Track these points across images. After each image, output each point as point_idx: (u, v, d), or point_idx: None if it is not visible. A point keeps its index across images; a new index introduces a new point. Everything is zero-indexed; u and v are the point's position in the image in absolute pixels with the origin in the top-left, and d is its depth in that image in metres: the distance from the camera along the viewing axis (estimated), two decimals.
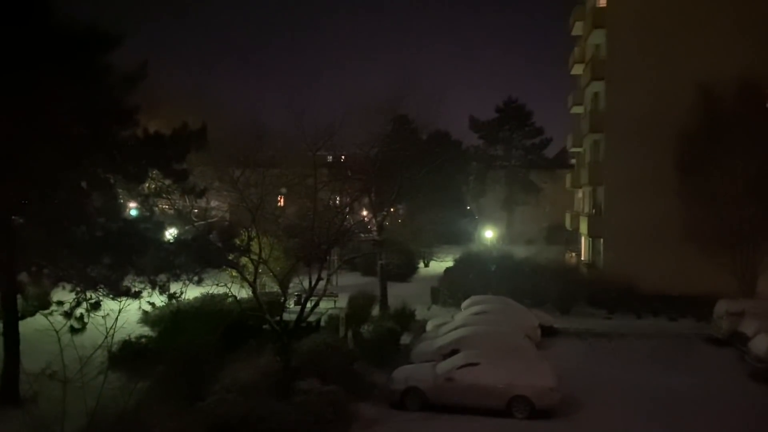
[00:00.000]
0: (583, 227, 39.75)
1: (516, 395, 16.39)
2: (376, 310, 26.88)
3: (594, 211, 38.31)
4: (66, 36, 15.08)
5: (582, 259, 41.85)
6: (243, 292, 19.10)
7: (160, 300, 16.98)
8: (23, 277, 15.98)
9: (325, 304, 22.28)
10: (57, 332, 12.57)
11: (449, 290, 32.21)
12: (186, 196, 17.58)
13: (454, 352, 18.68)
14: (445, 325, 23.14)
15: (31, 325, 15.52)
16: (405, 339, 23.41)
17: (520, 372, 16.96)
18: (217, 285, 18.30)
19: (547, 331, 25.24)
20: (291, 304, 21.97)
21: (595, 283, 32.56)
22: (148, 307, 17.60)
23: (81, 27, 15.21)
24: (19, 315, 16.44)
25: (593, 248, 38.09)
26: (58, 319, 14.19)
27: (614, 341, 25.43)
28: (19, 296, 16.29)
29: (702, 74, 31.62)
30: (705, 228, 30.33)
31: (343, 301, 26.72)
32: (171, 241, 17.91)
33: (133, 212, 18.90)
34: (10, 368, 15.94)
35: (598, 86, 36.83)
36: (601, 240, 35.71)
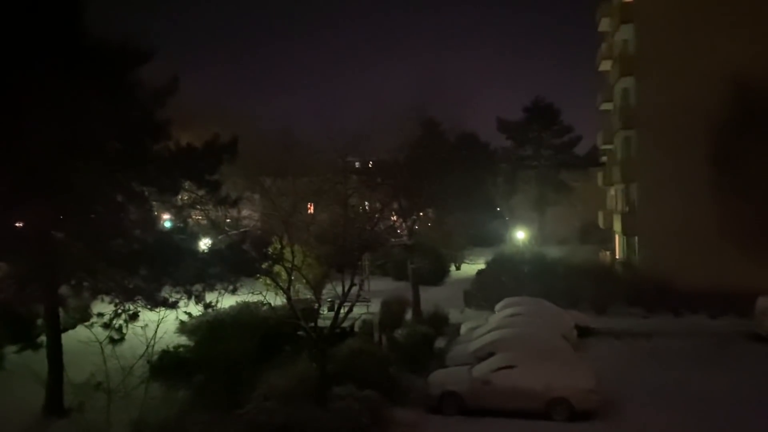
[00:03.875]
0: (617, 225, 39.16)
1: (555, 397, 16.20)
2: (409, 315, 26.83)
3: (628, 208, 37.71)
4: (99, 53, 15.45)
5: (617, 257, 41.21)
6: (278, 300, 19.26)
7: (196, 310, 17.21)
8: (64, 290, 16.36)
9: (358, 310, 22.30)
10: (100, 344, 12.85)
11: (482, 293, 31.97)
12: (219, 207, 17.81)
13: (489, 355, 18.52)
14: (480, 328, 22.98)
15: (74, 337, 15.88)
16: (439, 343, 23.32)
17: (558, 374, 16.76)
18: (252, 293, 18.49)
19: (584, 332, 24.90)
20: (325, 310, 22.05)
21: (631, 282, 32.02)
22: (185, 317, 17.87)
23: (113, 44, 15.58)
24: (62, 327, 16.84)
25: (628, 246, 37.49)
26: (98, 331, 14.50)
27: (653, 341, 24.97)
28: (60, 309, 16.69)
29: (733, 65, 30.95)
30: (743, 222, 29.65)
31: (375, 306, 26.76)
32: (205, 251, 18.16)
33: (168, 224, 19.21)
34: (54, 379, 16.29)
35: (628, 82, 36.32)
36: (636, 238, 35.13)
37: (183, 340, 20.86)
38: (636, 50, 34.93)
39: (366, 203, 26.35)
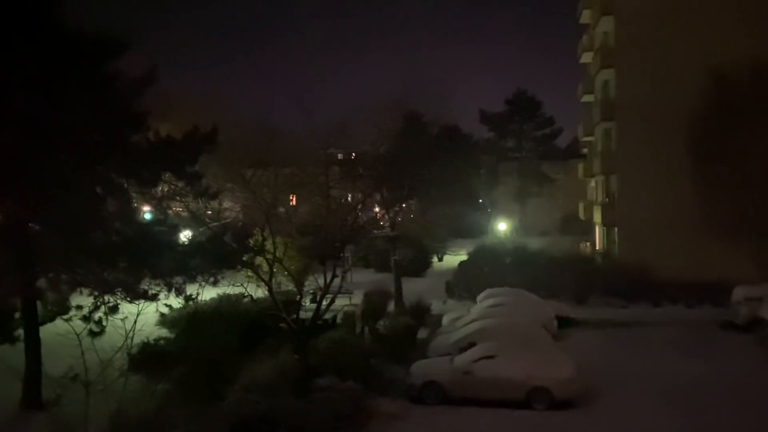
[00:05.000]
0: (597, 217, 39.52)
1: (535, 387, 16.37)
2: (391, 306, 26.89)
3: (607, 200, 38.07)
4: (75, 44, 15.20)
5: (597, 248, 41.61)
6: (259, 292, 19.21)
7: (177, 302, 17.10)
8: (42, 283, 16.16)
9: (340, 302, 22.34)
10: (78, 336, 12.72)
11: (464, 284, 32.14)
12: (199, 198, 17.68)
13: (471, 345, 18.65)
14: (461, 318, 23.11)
15: (52, 330, 15.71)
16: (421, 334, 23.42)
17: (538, 363, 16.93)
18: (233, 285, 18.41)
19: (564, 322, 25.14)
20: (307, 302, 22.06)
21: (610, 273, 32.37)
22: (165, 310, 17.74)
23: (90, 34, 15.33)
24: (39, 320, 16.64)
25: (608, 237, 37.86)
26: (77, 324, 14.36)
27: (632, 330, 25.28)
28: (38, 302, 16.49)
29: (713, 58, 31.26)
30: (721, 213, 30.06)
31: (358, 298, 26.78)
32: (186, 243, 18.03)
33: (147, 216, 19.04)
34: (32, 372, 16.13)
35: (608, 74, 36.55)
36: (616, 229, 35.48)
37: (163, 332, 20.75)
38: (616, 42, 35.14)
39: (348, 195, 26.33)
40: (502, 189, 61.25)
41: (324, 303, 17.98)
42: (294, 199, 23.86)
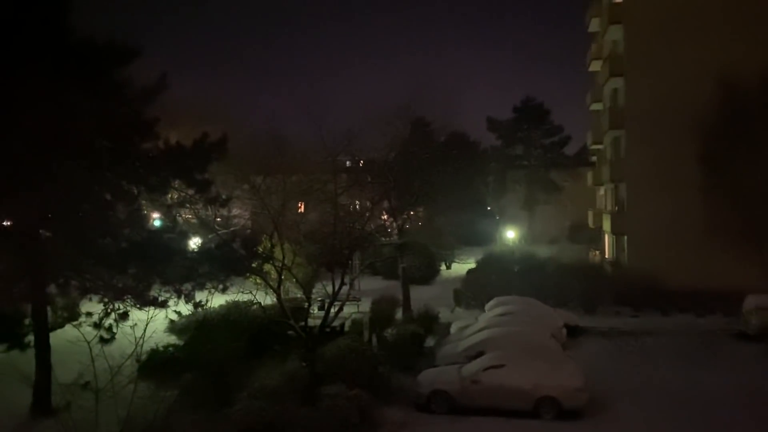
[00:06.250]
0: (606, 225, 39.36)
1: (543, 396, 16.30)
2: (399, 314, 26.88)
3: (617, 208, 37.92)
4: (85, 51, 15.37)
5: (606, 257, 41.43)
6: (267, 299, 19.25)
7: (186, 309, 17.17)
8: (52, 289, 16.25)
9: (348, 309, 22.37)
10: (88, 343, 12.78)
11: (472, 292, 32.04)
12: (209, 206, 17.76)
13: (479, 354, 18.59)
14: (470, 327, 23.04)
15: (62, 337, 15.80)
16: (429, 342, 23.37)
17: (546, 373, 16.85)
18: (242, 292, 18.46)
19: (573, 331, 25.02)
20: (315, 309, 22.08)
21: (619, 281, 32.19)
22: (174, 316, 17.81)
23: (100, 41, 15.49)
24: (49, 327, 16.73)
25: (617, 246, 37.69)
26: (87, 330, 14.43)
27: (641, 339, 25.12)
28: (48, 308, 16.58)
29: (723, 66, 31.12)
30: (730, 222, 29.85)
31: (366, 305, 26.77)
32: (195, 250, 18.11)
33: (157, 222, 19.15)
34: (42, 379, 16.22)
35: (617, 82, 36.48)
36: (625, 237, 35.32)
37: (172, 339, 20.84)
38: (625, 51, 35.08)
39: (356, 202, 26.39)
40: (510, 197, 61.20)
41: (332, 310, 17.99)
42: (302, 206, 23.93)
